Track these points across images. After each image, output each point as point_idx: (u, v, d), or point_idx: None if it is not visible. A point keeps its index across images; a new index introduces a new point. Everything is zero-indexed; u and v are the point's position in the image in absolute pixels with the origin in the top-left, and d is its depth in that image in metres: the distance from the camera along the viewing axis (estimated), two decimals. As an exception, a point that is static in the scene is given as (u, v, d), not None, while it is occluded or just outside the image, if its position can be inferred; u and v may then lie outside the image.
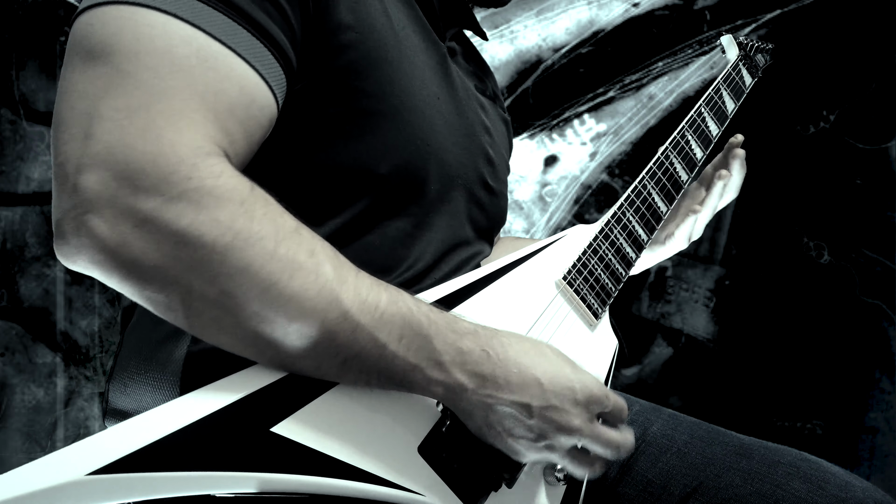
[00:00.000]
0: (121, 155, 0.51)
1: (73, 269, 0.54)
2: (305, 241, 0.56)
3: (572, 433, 0.64)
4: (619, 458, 0.70)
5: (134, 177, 0.50)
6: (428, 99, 0.74)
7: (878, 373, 2.18)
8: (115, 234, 0.51)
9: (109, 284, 0.54)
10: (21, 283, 1.93)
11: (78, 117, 0.53)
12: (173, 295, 0.53)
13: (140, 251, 0.51)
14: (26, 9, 1.92)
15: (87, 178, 0.51)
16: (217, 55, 0.56)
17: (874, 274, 2.19)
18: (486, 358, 0.61)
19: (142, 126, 0.52)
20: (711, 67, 2.20)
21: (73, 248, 0.52)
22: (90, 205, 0.50)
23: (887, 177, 2.19)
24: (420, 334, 0.59)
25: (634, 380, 2.21)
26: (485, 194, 0.84)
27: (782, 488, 0.76)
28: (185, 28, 0.55)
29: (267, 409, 0.55)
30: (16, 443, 1.92)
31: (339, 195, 0.69)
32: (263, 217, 0.54)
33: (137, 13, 0.55)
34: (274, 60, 0.61)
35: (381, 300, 0.58)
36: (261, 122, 0.61)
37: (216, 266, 0.52)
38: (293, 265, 0.54)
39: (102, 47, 0.54)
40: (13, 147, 1.93)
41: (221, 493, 0.52)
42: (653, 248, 1.06)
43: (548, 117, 2.21)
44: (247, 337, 0.55)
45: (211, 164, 0.53)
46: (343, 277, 0.57)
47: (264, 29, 0.60)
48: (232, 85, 0.57)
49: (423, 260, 0.74)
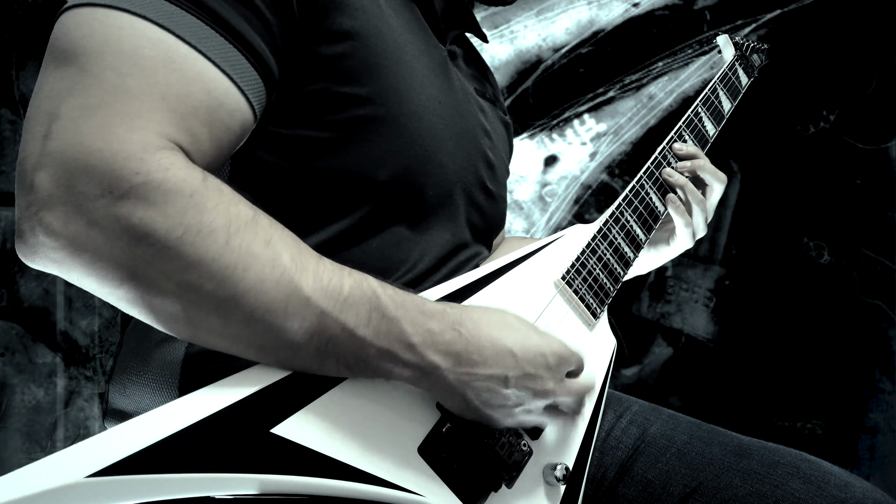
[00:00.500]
0: (73, 153, 0.51)
1: (34, 267, 0.55)
2: (262, 230, 0.56)
3: (547, 395, 0.67)
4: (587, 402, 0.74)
5: (84, 174, 0.51)
6: (427, 104, 0.74)
7: (878, 373, 2.19)
8: (68, 231, 0.51)
9: (71, 281, 0.54)
10: (21, 283, 1.93)
11: (41, 117, 0.53)
12: (133, 291, 0.53)
13: (94, 248, 0.51)
14: (26, 9, 1.92)
15: (41, 176, 0.51)
16: (185, 57, 0.56)
17: (874, 274, 2.19)
18: (457, 336, 0.62)
19: (96, 124, 0.52)
20: (711, 67, 2.20)
21: (30, 246, 0.53)
22: (44, 203, 0.51)
23: (887, 177, 2.19)
24: (387, 317, 0.59)
25: (634, 380, 2.21)
26: (484, 198, 0.84)
27: (782, 488, 0.76)
28: (154, 30, 0.55)
29: (267, 410, 0.55)
30: (16, 443, 1.92)
31: (338, 201, 0.69)
32: (215, 208, 0.54)
33: (109, 15, 0.55)
34: (249, 65, 0.60)
35: (345, 285, 0.58)
36: (229, 126, 0.60)
37: (170, 261, 0.52)
38: (248, 256, 0.54)
39: (72, 49, 0.55)
40: (13, 147, 1.93)
41: (221, 494, 0.52)
42: (657, 247, 1.05)
43: (548, 117, 2.21)
44: (214, 331, 0.55)
45: (159, 159, 0.53)
46: (302, 265, 0.56)
47: (239, 34, 0.59)
48: (197, 88, 0.57)
49: (422, 263, 0.75)
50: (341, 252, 0.60)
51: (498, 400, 0.64)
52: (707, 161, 1.01)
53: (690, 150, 1.01)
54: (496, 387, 0.63)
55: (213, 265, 0.53)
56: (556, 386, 0.67)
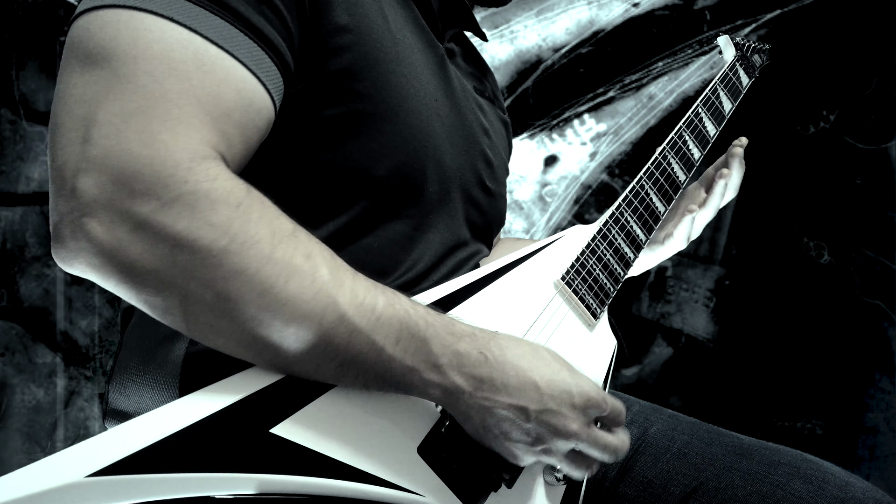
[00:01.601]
0: (117, 159, 0.51)
1: (71, 272, 0.55)
2: (302, 243, 0.56)
3: (570, 437, 0.64)
4: (616, 462, 0.70)
5: (130, 181, 0.51)
6: (425, 100, 0.74)
7: (878, 373, 2.19)
8: (111, 237, 0.51)
9: (107, 287, 0.54)
10: (21, 283, 1.93)
11: (76, 121, 0.53)
12: (170, 298, 0.53)
13: (136, 255, 0.51)
14: (26, 9, 1.92)
15: (84, 181, 0.51)
16: (214, 59, 0.56)
17: (874, 274, 2.19)
18: (483, 361, 0.61)
19: (139, 130, 0.52)
20: (711, 67, 2.20)
21: (71, 251, 0.52)
22: (87, 208, 0.51)
23: (887, 177, 2.19)
24: (417, 337, 0.59)
25: (634, 380, 2.21)
26: (482, 196, 0.84)
27: (782, 488, 0.76)
28: (182, 32, 0.55)
29: (266, 410, 0.55)
30: (16, 443, 1.92)
31: (337, 197, 0.69)
32: (259, 220, 0.54)
33: (135, 17, 0.55)
34: (272, 64, 0.60)
35: (378, 303, 0.58)
36: (258, 125, 0.60)
37: (212, 270, 0.52)
38: (289, 268, 0.54)
39: (100, 51, 0.54)
40: (13, 147, 1.93)
41: (221, 494, 0.52)
42: (652, 248, 1.06)
43: (548, 117, 2.21)
44: (244, 340, 0.55)
45: (207, 168, 0.53)
46: (340, 280, 0.57)
47: (262, 32, 0.60)
48: (229, 89, 0.57)
49: (421, 262, 0.75)
50: (341, 249, 0.60)
51: (517, 434, 0.62)
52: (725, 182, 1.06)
53: None
54: (516, 418, 0.62)
55: (256, 276, 0.53)
56: (580, 429, 0.64)
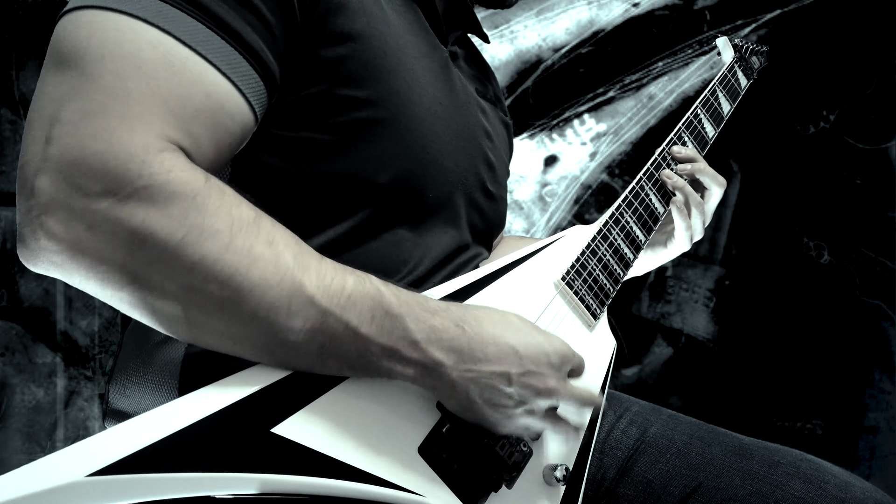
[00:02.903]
0: (73, 157, 0.51)
1: (36, 271, 0.55)
2: (264, 230, 0.56)
3: (550, 395, 0.66)
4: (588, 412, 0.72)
5: (85, 177, 0.51)
6: (428, 106, 0.74)
7: (878, 373, 2.19)
8: (70, 235, 0.51)
9: (73, 285, 0.54)
10: (21, 283, 1.93)
11: (42, 121, 0.53)
12: (135, 293, 0.53)
13: (96, 251, 0.51)
14: (26, 9, 1.92)
15: (42, 180, 0.51)
16: (184, 60, 0.56)
17: (874, 274, 2.19)
18: (461, 333, 0.61)
19: (96, 128, 0.52)
20: (711, 67, 2.20)
21: (32, 250, 0.53)
22: (45, 207, 0.51)
23: (887, 177, 2.19)
24: (391, 314, 0.59)
25: (634, 380, 2.21)
26: (484, 199, 0.84)
27: (782, 489, 0.76)
28: (154, 33, 0.55)
29: (267, 409, 0.55)
30: (16, 443, 1.92)
31: (340, 204, 0.69)
32: (217, 210, 0.54)
33: (109, 18, 0.55)
34: (249, 68, 0.60)
35: (347, 283, 0.58)
36: (230, 129, 0.60)
37: (172, 263, 0.52)
38: (250, 256, 0.54)
39: (72, 52, 0.54)
40: (13, 147, 1.93)
41: (222, 494, 0.52)
42: (655, 249, 1.06)
43: (548, 117, 2.21)
44: (216, 332, 0.55)
45: (161, 161, 0.53)
46: (305, 264, 0.57)
47: (240, 36, 0.59)
48: (197, 90, 0.56)
49: (422, 265, 0.75)
50: (342, 254, 0.60)
51: (501, 399, 0.63)
52: (706, 165, 1.01)
53: (689, 153, 1.01)
54: (499, 384, 0.63)
55: (215, 266, 0.53)
56: (558, 384, 0.66)
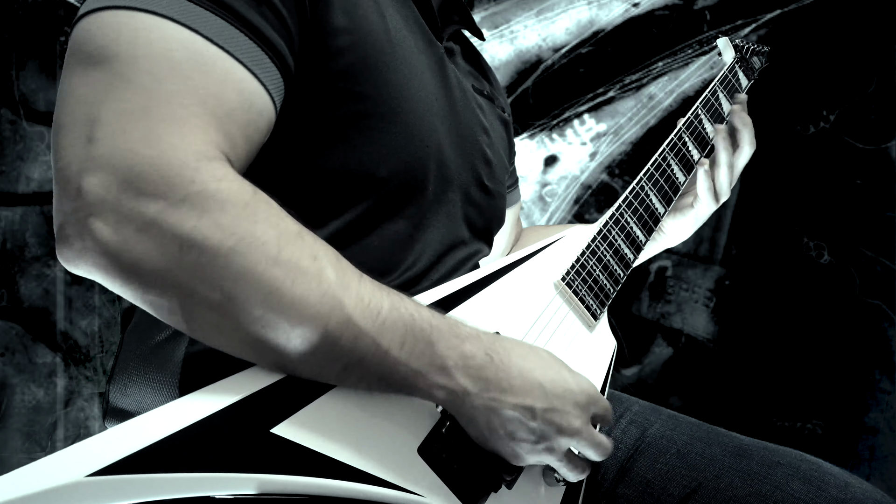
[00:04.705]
0: (124, 158, 0.51)
1: (76, 272, 0.54)
2: (308, 245, 0.56)
3: (573, 435, 0.65)
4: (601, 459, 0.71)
5: (137, 180, 0.50)
6: (426, 100, 0.74)
7: (878, 373, 2.19)
8: (118, 237, 0.50)
9: (111, 288, 0.54)
10: (21, 283, 1.93)
11: (79, 122, 0.52)
12: (175, 299, 0.53)
13: (143, 255, 0.51)
14: (26, 9, 1.92)
15: (90, 181, 0.50)
16: (215, 59, 0.56)
17: (874, 274, 2.19)
18: (489, 362, 0.61)
19: (144, 130, 0.52)
20: (711, 67, 2.20)
21: (76, 251, 0.52)
22: (93, 208, 0.50)
23: (887, 177, 2.19)
24: (423, 339, 0.59)
25: (634, 380, 2.21)
26: (481, 195, 0.84)
27: (782, 489, 0.76)
28: (182, 32, 0.55)
29: (267, 410, 0.55)
30: (16, 443, 1.92)
31: (338, 198, 0.69)
32: (266, 221, 0.54)
33: (134, 17, 0.55)
34: (272, 64, 0.60)
35: (384, 306, 0.58)
36: (259, 126, 0.60)
37: (219, 270, 0.52)
38: (296, 270, 0.54)
39: (101, 52, 0.54)
40: (13, 147, 1.93)
41: (221, 494, 0.52)
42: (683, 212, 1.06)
43: (548, 117, 2.21)
44: (248, 341, 0.55)
45: (213, 168, 0.53)
46: (346, 283, 0.56)
47: (261, 33, 0.59)
48: (230, 89, 0.57)
49: (421, 261, 0.75)
50: (341, 248, 0.60)
51: (523, 433, 0.63)
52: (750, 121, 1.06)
53: (743, 97, 1.09)
54: (522, 418, 0.62)
55: (262, 277, 0.52)
56: (582, 426, 0.66)
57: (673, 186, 1.00)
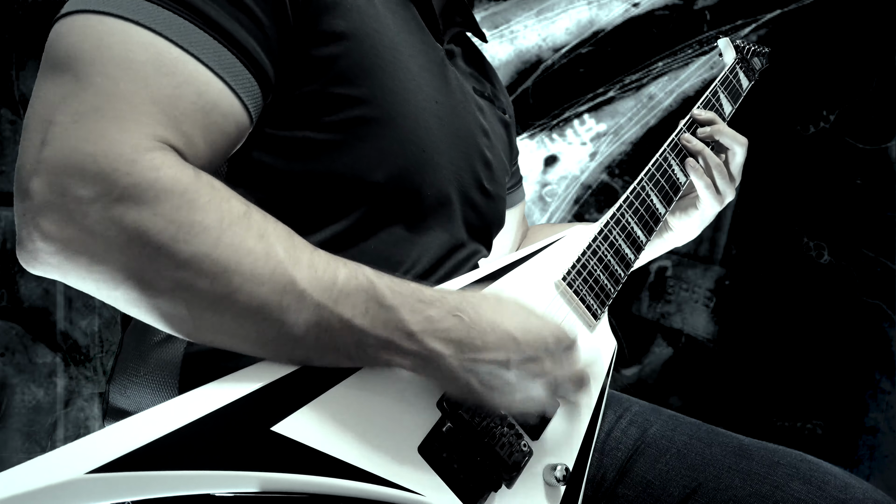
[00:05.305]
0: (65, 158, 0.51)
1: (34, 272, 0.55)
2: (255, 224, 0.56)
3: (547, 377, 0.66)
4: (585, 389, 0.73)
5: (78, 177, 0.51)
6: (423, 104, 0.74)
7: (878, 373, 2.19)
8: (63, 236, 0.51)
9: (70, 285, 0.55)
10: (21, 283, 1.93)
11: (37, 124, 0.53)
12: (131, 292, 0.53)
13: (90, 252, 0.52)
14: (26, 9, 1.92)
15: (36, 182, 0.51)
16: (175, 61, 0.56)
17: (874, 274, 2.19)
18: (458, 322, 0.61)
19: (88, 129, 0.52)
20: (711, 67, 2.20)
21: (30, 252, 0.53)
22: (39, 209, 0.51)
23: (887, 177, 2.19)
24: (384, 306, 0.58)
25: (634, 380, 2.21)
26: (481, 198, 0.84)
27: (782, 489, 0.76)
28: (146, 34, 0.56)
29: (267, 407, 0.55)
30: (16, 443, 1.92)
31: (335, 203, 0.69)
32: (207, 205, 0.54)
33: (102, 22, 0.55)
34: (243, 68, 0.60)
35: (339, 276, 0.58)
36: (224, 128, 0.60)
37: (164, 260, 0.52)
38: (241, 251, 0.54)
39: (65, 56, 0.55)
40: (13, 147, 1.93)
41: (221, 492, 0.52)
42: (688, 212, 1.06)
43: (548, 117, 2.21)
44: (212, 327, 0.55)
45: (151, 158, 0.53)
46: (296, 258, 0.56)
47: (232, 36, 0.59)
48: (189, 90, 0.57)
49: (420, 264, 0.75)
50: (338, 254, 0.60)
51: (500, 383, 0.63)
52: (725, 126, 1.05)
53: (709, 115, 1.06)
54: (499, 371, 0.62)
55: (205, 261, 0.53)
56: (554, 367, 0.67)
57: (674, 187, 1.00)
